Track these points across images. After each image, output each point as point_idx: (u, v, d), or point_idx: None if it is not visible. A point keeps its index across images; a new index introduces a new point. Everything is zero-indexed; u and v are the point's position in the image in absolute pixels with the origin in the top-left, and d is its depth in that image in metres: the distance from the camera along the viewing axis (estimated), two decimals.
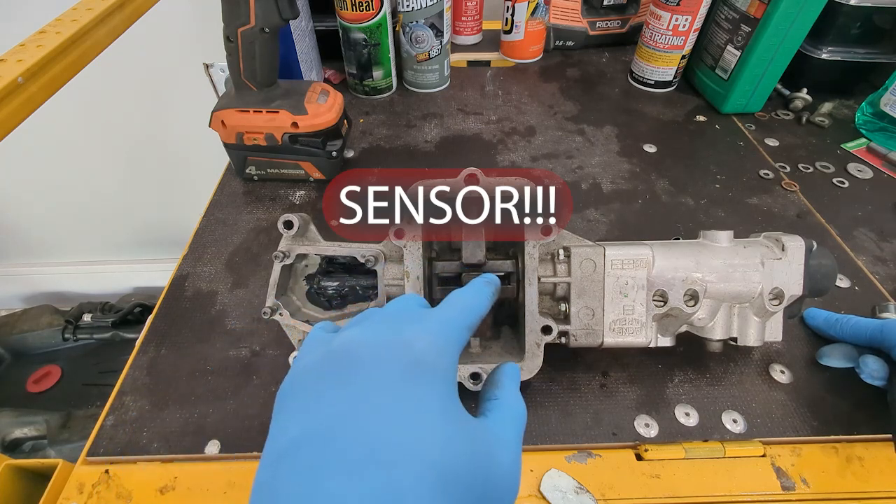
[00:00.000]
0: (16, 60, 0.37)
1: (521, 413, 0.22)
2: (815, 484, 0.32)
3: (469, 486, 0.16)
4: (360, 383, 0.17)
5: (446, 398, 0.18)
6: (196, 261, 0.47)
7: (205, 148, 0.87)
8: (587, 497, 0.31)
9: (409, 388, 0.17)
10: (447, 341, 0.20)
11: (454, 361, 0.20)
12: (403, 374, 0.18)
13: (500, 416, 0.21)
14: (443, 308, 0.22)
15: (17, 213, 1.20)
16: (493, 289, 0.26)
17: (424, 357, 0.19)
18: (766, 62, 0.59)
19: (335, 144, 0.52)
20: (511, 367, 0.25)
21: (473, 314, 0.23)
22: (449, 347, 0.20)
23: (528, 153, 0.59)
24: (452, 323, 0.21)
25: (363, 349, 0.19)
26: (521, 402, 0.22)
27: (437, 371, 0.19)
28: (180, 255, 0.48)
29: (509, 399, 0.22)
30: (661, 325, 0.34)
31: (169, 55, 0.89)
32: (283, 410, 0.18)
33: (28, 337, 1.03)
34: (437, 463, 0.16)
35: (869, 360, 0.34)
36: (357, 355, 0.19)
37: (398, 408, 0.17)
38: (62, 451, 0.83)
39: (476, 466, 0.17)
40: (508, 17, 0.71)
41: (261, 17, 0.45)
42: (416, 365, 0.18)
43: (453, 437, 0.17)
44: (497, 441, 0.19)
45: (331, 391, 0.17)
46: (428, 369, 0.18)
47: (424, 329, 0.20)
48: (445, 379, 0.19)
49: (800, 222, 0.50)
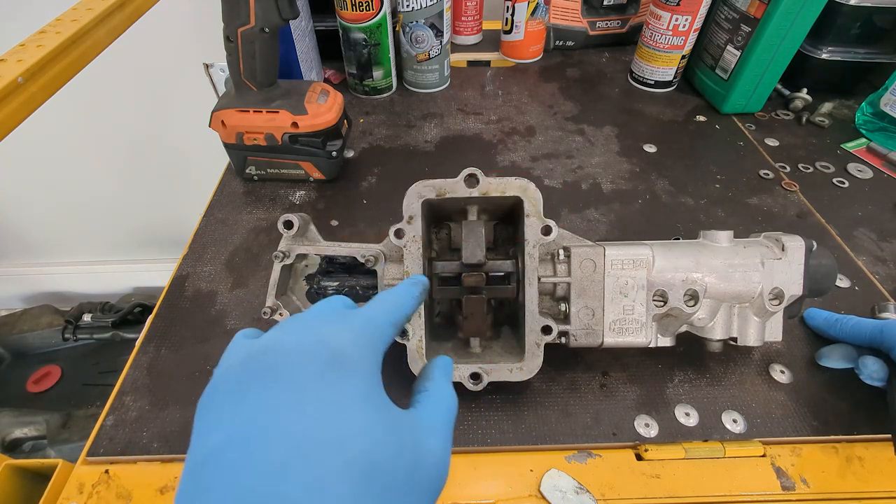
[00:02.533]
0: (16, 60, 0.37)
1: (450, 403, 0.22)
2: (815, 484, 0.32)
3: (394, 474, 0.17)
4: (278, 384, 0.17)
5: (368, 391, 0.18)
6: (196, 261, 0.47)
7: (205, 148, 0.88)
8: (587, 497, 0.31)
9: (328, 384, 0.18)
10: (369, 336, 0.21)
11: (376, 355, 0.20)
12: (322, 370, 0.18)
13: (429, 406, 0.22)
14: (367, 306, 0.23)
15: (17, 213, 1.20)
16: (420, 289, 0.26)
17: (343, 352, 0.19)
18: (766, 62, 0.59)
19: (335, 144, 0.52)
20: (442, 360, 0.25)
21: (398, 312, 0.23)
22: (370, 342, 0.20)
23: (528, 153, 0.59)
24: (375, 319, 0.22)
25: (280, 351, 0.19)
26: (451, 393, 0.23)
27: (357, 365, 0.19)
28: (180, 255, 0.48)
29: (438, 390, 0.23)
30: (661, 325, 0.34)
31: (169, 55, 0.89)
32: (203, 418, 0.18)
33: (28, 337, 1.03)
34: (361, 454, 0.16)
35: (868, 361, 0.34)
36: (274, 357, 0.19)
37: (317, 404, 0.17)
38: (62, 451, 0.83)
39: (400, 454, 0.17)
40: (508, 17, 0.71)
41: (261, 17, 0.45)
42: (334, 361, 0.18)
43: (375, 428, 0.17)
44: (425, 429, 0.20)
45: (250, 395, 0.17)
46: (347, 364, 0.19)
47: (344, 326, 0.20)
48: (367, 372, 0.19)
49: (800, 222, 0.50)
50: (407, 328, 0.33)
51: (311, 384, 0.17)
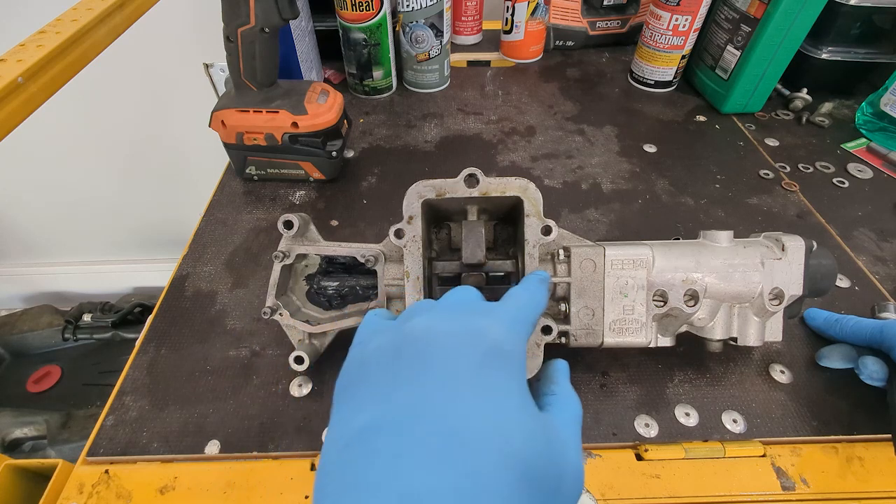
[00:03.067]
0: (16, 60, 0.37)
1: (579, 410, 0.22)
2: (815, 484, 0.32)
3: (545, 477, 0.16)
4: (436, 370, 0.17)
5: (522, 388, 0.18)
6: (196, 261, 0.47)
7: (205, 148, 0.88)
8: (587, 497, 0.31)
9: (488, 377, 0.17)
10: (519, 331, 0.20)
11: (525, 353, 0.20)
12: (481, 362, 0.17)
13: (561, 413, 0.21)
14: (506, 303, 0.22)
15: (17, 213, 1.20)
16: (547, 286, 0.25)
17: (500, 345, 0.18)
18: (766, 62, 0.59)
19: (335, 144, 0.52)
20: (562, 363, 0.24)
21: (536, 309, 0.23)
22: (520, 338, 0.20)
23: (528, 153, 0.59)
24: (519, 316, 0.21)
25: (438, 336, 0.18)
26: (577, 398, 0.22)
27: (513, 360, 0.18)
28: (180, 255, 0.48)
29: (567, 395, 0.22)
30: (661, 325, 0.34)
31: (169, 55, 0.89)
32: (351, 397, 0.17)
33: (28, 337, 1.03)
34: (519, 453, 0.15)
35: (868, 362, 0.34)
36: (432, 342, 0.18)
37: (478, 396, 0.16)
38: (62, 451, 0.83)
39: (551, 459, 0.17)
40: (508, 17, 0.71)
41: (261, 17, 0.45)
42: (494, 353, 0.18)
43: (532, 429, 0.17)
44: (565, 437, 0.19)
45: (406, 377, 0.17)
46: (505, 358, 0.18)
47: (496, 319, 0.20)
48: (520, 369, 0.18)
49: (800, 222, 0.50)
50: None
51: (469, 374, 0.17)
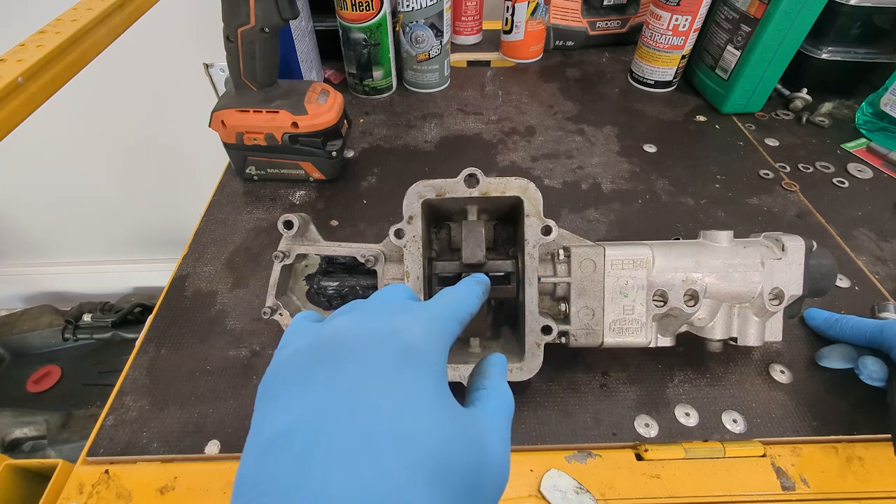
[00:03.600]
0: (16, 60, 0.37)
1: (509, 402, 0.22)
2: (815, 484, 0.32)
3: (463, 475, 0.16)
4: (350, 371, 0.17)
5: (439, 386, 0.18)
6: (196, 261, 0.47)
7: (205, 148, 0.88)
8: (587, 497, 0.31)
9: (401, 376, 0.17)
10: (438, 330, 0.20)
11: (445, 351, 0.20)
12: (395, 361, 0.17)
13: (489, 406, 0.21)
14: (433, 301, 0.22)
15: (18, 213, 1.20)
16: (482, 288, 0.26)
17: (416, 344, 0.18)
18: (766, 62, 0.59)
19: (335, 144, 0.52)
20: (498, 358, 0.24)
21: (464, 309, 0.22)
22: (440, 336, 0.20)
23: (528, 153, 0.59)
24: (443, 314, 0.21)
25: (352, 337, 0.18)
26: (509, 392, 0.22)
27: (429, 358, 0.18)
28: (180, 255, 0.48)
29: (497, 388, 0.22)
30: (661, 325, 0.34)
31: (169, 55, 0.89)
32: (268, 401, 0.17)
33: (28, 337, 1.03)
34: (433, 453, 0.16)
35: (868, 362, 0.34)
36: (346, 343, 0.18)
37: (391, 396, 0.16)
38: (62, 451, 0.83)
39: (469, 456, 0.17)
40: (508, 17, 0.71)
41: (261, 17, 0.45)
42: (408, 352, 0.18)
43: (447, 427, 0.17)
44: (488, 430, 0.19)
45: (319, 380, 0.17)
46: (420, 356, 0.18)
47: (415, 318, 0.20)
48: (437, 367, 0.18)
49: (800, 222, 0.50)
50: None
51: (383, 374, 0.17)
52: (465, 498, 0.16)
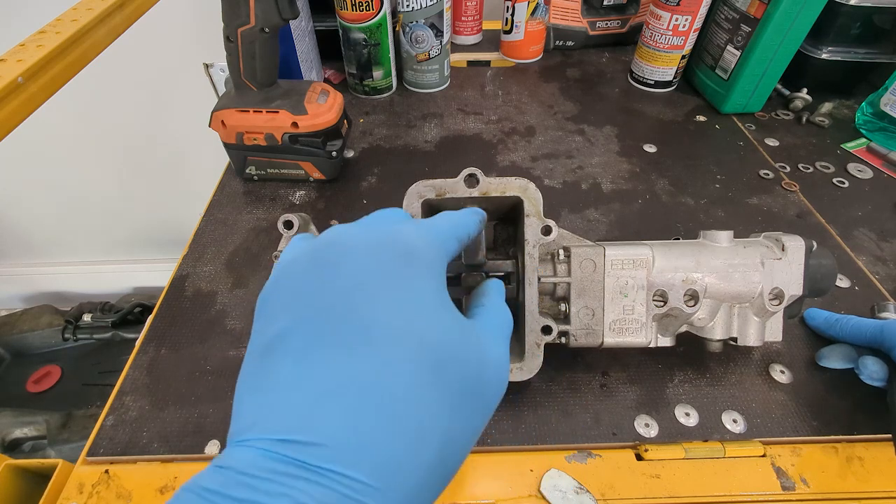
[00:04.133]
0: (16, 60, 0.37)
1: (507, 319, 0.22)
2: (815, 484, 0.32)
3: (463, 373, 0.16)
4: (349, 271, 0.17)
5: (439, 289, 0.18)
6: (196, 261, 0.47)
7: (205, 148, 0.88)
8: (587, 497, 0.31)
9: (402, 275, 0.17)
10: (436, 238, 0.20)
11: (444, 261, 0.20)
12: (396, 260, 0.17)
13: (488, 320, 0.21)
14: (432, 218, 0.22)
15: (18, 213, 1.20)
16: (480, 217, 0.26)
17: (416, 248, 0.18)
18: (766, 62, 0.59)
19: (335, 144, 0.52)
20: (495, 282, 0.25)
21: (462, 229, 0.23)
22: (439, 244, 0.20)
23: (528, 153, 0.59)
24: (442, 229, 0.21)
25: (352, 240, 0.18)
26: (507, 311, 0.23)
27: (430, 262, 0.19)
28: (180, 255, 0.48)
29: (495, 306, 0.23)
30: (661, 325, 0.34)
31: (169, 55, 0.89)
32: (269, 306, 0.17)
33: (28, 337, 1.03)
34: (434, 348, 0.16)
35: (868, 362, 0.34)
36: (345, 245, 0.18)
37: (391, 293, 0.16)
38: (62, 451, 0.83)
39: (469, 354, 0.17)
40: (508, 17, 0.71)
41: (261, 17, 0.45)
42: (408, 254, 0.18)
43: (448, 325, 0.17)
44: (487, 338, 0.20)
45: (317, 283, 0.17)
46: (421, 258, 0.18)
47: (415, 226, 0.20)
48: (437, 272, 0.19)
49: (800, 222, 0.50)
50: None
51: (382, 274, 0.17)
52: (464, 395, 0.16)
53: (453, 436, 0.16)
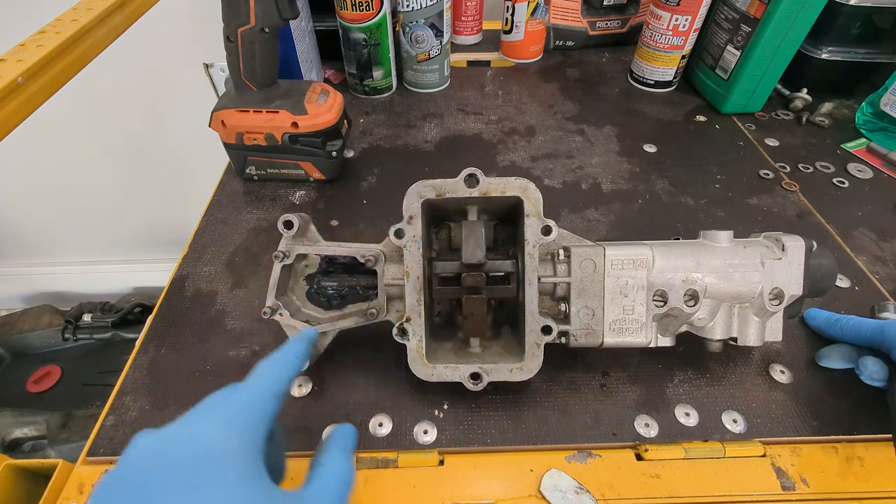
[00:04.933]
0: (16, 60, 0.37)
1: (344, 477, 0.23)
2: (815, 484, 0.32)
3: None
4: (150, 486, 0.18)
5: (237, 482, 0.19)
6: (196, 261, 0.47)
7: (205, 148, 0.88)
8: (587, 497, 0.31)
9: (193, 486, 0.18)
10: (241, 423, 0.21)
11: (251, 440, 0.21)
12: (190, 467, 0.19)
13: (321, 482, 0.22)
14: (245, 383, 0.23)
15: (17, 213, 1.20)
16: (305, 345, 0.27)
17: (208, 449, 0.20)
18: (766, 62, 0.59)
19: (335, 144, 0.52)
20: (341, 429, 0.25)
21: (278, 382, 0.24)
22: (243, 428, 0.21)
23: (528, 153, 0.59)
24: (250, 400, 0.22)
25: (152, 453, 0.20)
26: (347, 465, 0.23)
27: (224, 458, 0.19)
28: (180, 255, 0.48)
29: (333, 463, 0.23)
30: (661, 325, 0.34)
31: (169, 55, 0.89)
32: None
33: (28, 337, 1.03)
34: None
35: (868, 362, 0.34)
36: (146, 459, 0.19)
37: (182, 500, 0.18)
38: (62, 451, 0.83)
39: None
40: (508, 17, 0.71)
41: (261, 17, 0.45)
42: (198, 459, 0.19)
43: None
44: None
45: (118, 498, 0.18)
46: (212, 460, 0.19)
47: (216, 418, 0.21)
48: (236, 462, 0.20)
49: (800, 222, 0.50)
50: (406, 328, 0.33)
51: (178, 487, 0.18)
52: None
53: None
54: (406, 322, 0.33)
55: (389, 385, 0.37)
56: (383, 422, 0.35)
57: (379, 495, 0.32)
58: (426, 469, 0.33)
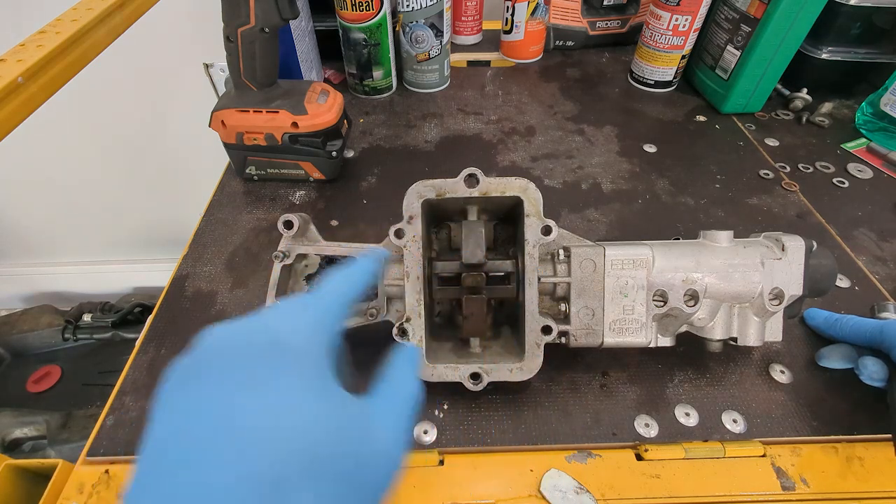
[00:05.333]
0: (16, 60, 0.37)
1: (410, 391, 0.22)
2: (815, 484, 0.32)
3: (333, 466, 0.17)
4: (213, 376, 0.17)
5: (308, 378, 0.18)
6: (196, 261, 0.47)
7: (205, 148, 0.88)
8: (587, 497, 0.31)
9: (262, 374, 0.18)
10: (311, 321, 0.21)
11: (321, 340, 0.20)
12: (259, 356, 0.18)
13: (385, 394, 0.21)
14: (317, 291, 0.23)
15: (17, 213, 1.20)
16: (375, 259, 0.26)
17: (280, 340, 0.19)
18: (766, 62, 0.59)
19: (335, 144, 0.52)
20: (407, 348, 0.25)
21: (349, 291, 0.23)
22: (314, 327, 0.20)
23: (528, 153, 0.59)
24: (320, 303, 0.22)
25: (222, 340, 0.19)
26: (412, 380, 0.22)
27: (296, 352, 0.19)
28: (180, 255, 0.48)
29: (398, 377, 0.22)
30: (661, 325, 0.34)
31: (169, 55, 0.89)
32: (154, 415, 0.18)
33: (28, 337, 1.03)
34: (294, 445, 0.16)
35: (868, 362, 0.34)
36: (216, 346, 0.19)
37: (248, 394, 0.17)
38: (62, 451, 0.83)
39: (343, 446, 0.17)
40: (508, 17, 0.71)
41: (261, 17, 0.45)
42: (269, 349, 0.18)
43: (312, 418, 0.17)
44: (376, 418, 0.20)
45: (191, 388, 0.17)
46: (283, 352, 0.19)
47: (288, 313, 0.20)
48: (308, 359, 0.19)
49: (800, 222, 0.50)
50: (406, 328, 0.33)
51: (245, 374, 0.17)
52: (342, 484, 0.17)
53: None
54: (406, 322, 0.33)
55: None
56: None
57: None
58: (426, 469, 0.33)
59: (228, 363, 0.18)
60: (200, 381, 0.17)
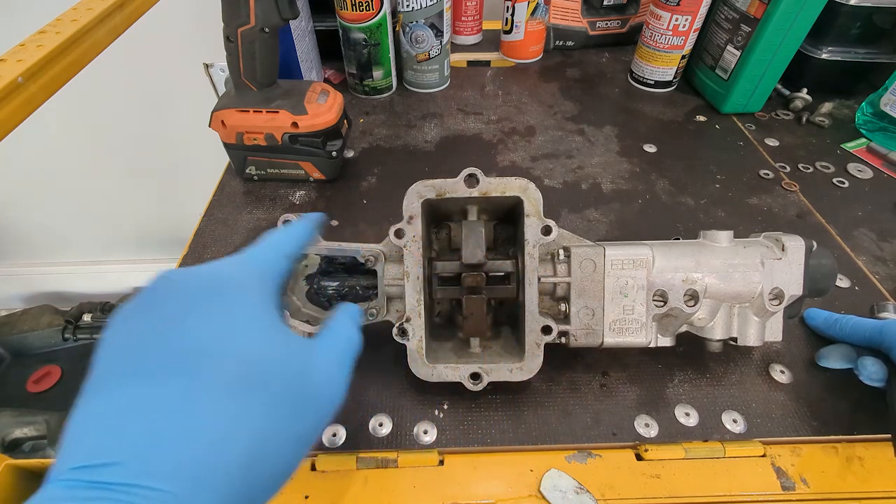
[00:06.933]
0: (16, 60, 0.37)
1: (349, 336, 0.24)
2: (815, 484, 0.32)
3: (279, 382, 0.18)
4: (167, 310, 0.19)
5: (253, 310, 0.20)
6: (196, 261, 0.47)
7: (205, 148, 0.88)
8: (587, 497, 0.31)
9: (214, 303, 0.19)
10: (253, 264, 0.22)
11: (265, 280, 0.22)
12: (208, 292, 0.19)
13: (326, 337, 0.23)
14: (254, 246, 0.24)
15: (17, 213, 1.20)
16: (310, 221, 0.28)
17: (227, 276, 0.21)
18: (766, 62, 0.59)
19: (335, 144, 0.52)
20: (345, 305, 0.27)
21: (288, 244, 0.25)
22: (256, 269, 0.22)
23: (528, 153, 0.59)
24: (260, 253, 0.23)
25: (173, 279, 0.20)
26: (351, 330, 0.24)
27: (241, 286, 0.20)
28: (180, 255, 0.48)
29: (340, 327, 0.24)
30: (661, 325, 0.34)
31: (169, 55, 0.89)
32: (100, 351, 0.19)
33: (28, 337, 1.03)
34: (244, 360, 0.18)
35: (868, 363, 0.34)
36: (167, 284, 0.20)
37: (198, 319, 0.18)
38: None
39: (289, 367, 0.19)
40: (508, 17, 0.71)
41: (261, 17, 0.45)
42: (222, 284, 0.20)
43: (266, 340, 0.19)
44: (317, 352, 0.21)
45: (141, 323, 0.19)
46: (231, 285, 0.20)
47: (232, 261, 0.22)
48: (253, 294, 0.21)
49: (800, 222, 0.50)
50: (406, 328, 0.33)
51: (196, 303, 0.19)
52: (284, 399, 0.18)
53: (268, 435, 0.17)
54: (406, 322, 0.33)
55: (389, 385, 0.37)
56: (383, 422, 0.35)
57: (379, 495, 0.32)
58: (426, 469, 0.33)
59: (180, 295, 0.19)
60: (153, 310, 0.19)
